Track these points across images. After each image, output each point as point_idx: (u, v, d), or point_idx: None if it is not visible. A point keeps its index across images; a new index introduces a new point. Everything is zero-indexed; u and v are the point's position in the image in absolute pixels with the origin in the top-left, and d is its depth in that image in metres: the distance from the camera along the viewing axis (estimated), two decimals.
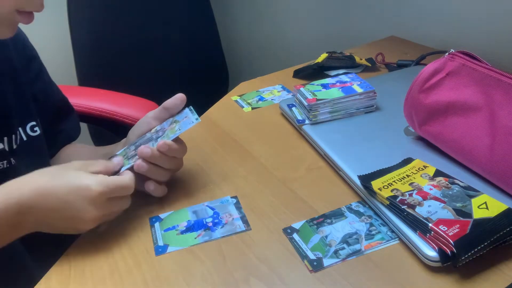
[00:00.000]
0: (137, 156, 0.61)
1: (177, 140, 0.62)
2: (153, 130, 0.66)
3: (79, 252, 0.58)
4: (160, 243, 0.58)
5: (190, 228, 0.60)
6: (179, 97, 0.66)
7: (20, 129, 0.70)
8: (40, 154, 0.74)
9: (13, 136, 0.69)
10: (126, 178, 0.57)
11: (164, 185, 0.64)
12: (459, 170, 0.63)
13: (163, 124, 0.66)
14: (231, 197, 0.65)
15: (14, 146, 0.69)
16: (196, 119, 0.63)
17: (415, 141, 0.70)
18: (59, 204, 0.53)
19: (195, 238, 0.59)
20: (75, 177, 0.55)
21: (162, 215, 0.63)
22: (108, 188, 0.55)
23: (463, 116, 0.62)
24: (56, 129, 0.81)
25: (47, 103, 0.78)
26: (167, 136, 0.62)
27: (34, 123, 0.72)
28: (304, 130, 0.77)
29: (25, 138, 0.70)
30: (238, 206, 0.64)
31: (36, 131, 0.72)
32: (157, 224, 0.62)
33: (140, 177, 0.65)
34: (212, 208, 0.64)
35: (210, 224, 0.61)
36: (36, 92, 0.75)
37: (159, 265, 0.55)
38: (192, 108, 0.65)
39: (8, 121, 0.69)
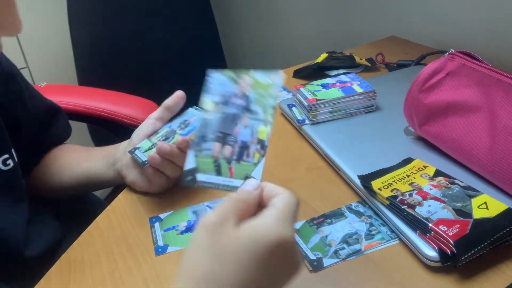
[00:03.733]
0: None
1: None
2: (163, 131, 0.66)
3: (79, 252, 0.58)
4: (160, 243, 0.58)
5: (190, 228, 0.60)
6: (178, 95, 0.66)
7: None
8: (13, 189, 0.67)
9: None
10: (284, 194, 0.41)
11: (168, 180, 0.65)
12: (459, 170, 0.63)
13: (171, 125, 0.66)
14: None
15: None
16: None
17: (415, 141, 0.70)
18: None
19: None
20: (255, 242, 0.36)
21: (162, 215, 0.63)
22: (293, 221, 0.39)
23: (463, 116, 0.62)
24: (42, 135, 0.77)
25: (29, 120, 0.74)
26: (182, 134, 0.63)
27: (6, 156, 0.65)
28: (304, 130, 0.77)
29: None
30: None
31: (8, 164, 0.65)
32: (157, 224, 0.62)
33: (145, 177, 0.65)
34: (212, 208, 0.64)
35: None
36: (17, 113, 0.71)
37: (159, 265, 0.55)
38: (197, 107, 0.66)
39: None
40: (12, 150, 0.67)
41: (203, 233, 0.37)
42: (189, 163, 0.47)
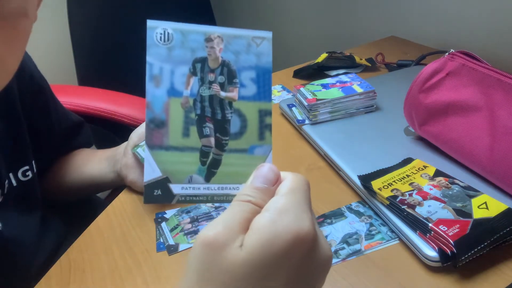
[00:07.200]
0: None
1: None
2: None
3: (79, 252, 0.58)
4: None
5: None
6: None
7: (10, 174, 0.64)
8: (29, 199, 0.68)
9: None
10: (289, 179, 0.36)
11: None
12: (459, 170, 0.63)
13: None
14: None
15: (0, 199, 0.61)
16: None
17: (415, 141, 0.70)
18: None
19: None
20: (264, 255, 0.29)
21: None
22: (307, 208, 0.33)
23: (463, 116, 0.62)
24: (62, 146, 0.79)
25: (51, 133, 0.75)
26: None
27: (27, 167, 0.66)
28: (304, 130, 0.77)
29: (15, 184, 0.64)
30: None
31: (28, 175, 0.66)
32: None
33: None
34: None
35: None
36: (40, 125, 0.72)
37: (159, 265, 0.55)
38: None
39: None
40: (33, 161, 0.68)
41: (202, 257, 0.30)
42: (151, 171, 0.32)
